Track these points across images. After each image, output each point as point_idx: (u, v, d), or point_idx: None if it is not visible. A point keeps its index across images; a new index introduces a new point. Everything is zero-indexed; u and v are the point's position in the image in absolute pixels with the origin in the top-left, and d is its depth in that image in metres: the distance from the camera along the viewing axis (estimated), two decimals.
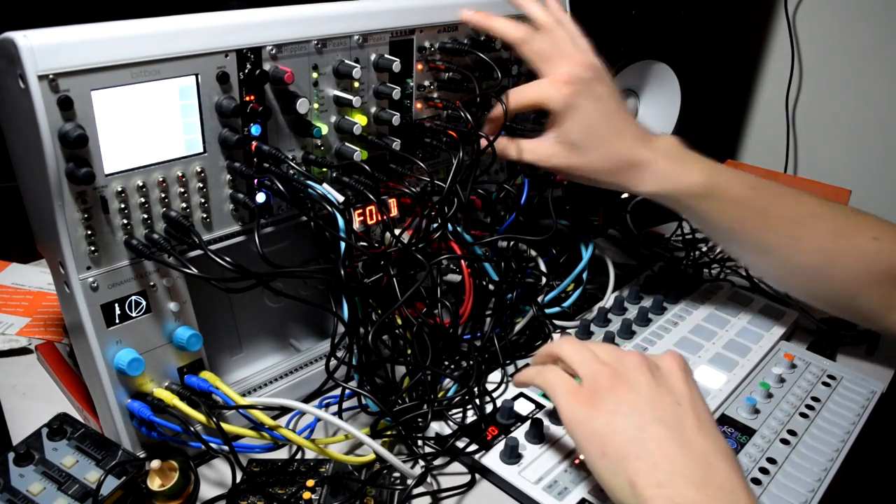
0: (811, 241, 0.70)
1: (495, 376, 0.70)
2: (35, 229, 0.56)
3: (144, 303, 0.57)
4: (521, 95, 0.70)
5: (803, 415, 0.68)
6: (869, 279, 0.70)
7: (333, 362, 0.61)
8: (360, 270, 0.64)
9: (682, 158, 0.71)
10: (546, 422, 0.64)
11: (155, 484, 0.54)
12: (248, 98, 0.58)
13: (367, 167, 0.64)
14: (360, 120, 0.64)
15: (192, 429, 0.57)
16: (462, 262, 0.70)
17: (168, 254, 0.55)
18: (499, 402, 0.66)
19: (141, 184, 0.54)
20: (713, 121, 0.76)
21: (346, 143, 0.66)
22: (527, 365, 0.72)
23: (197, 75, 0.55)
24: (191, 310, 0.60)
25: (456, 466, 0.62)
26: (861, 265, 0.70)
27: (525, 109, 0.71)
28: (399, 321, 0.66)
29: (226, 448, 0.56)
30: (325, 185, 0.61)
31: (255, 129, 0.60)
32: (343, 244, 0.60)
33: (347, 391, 0.64)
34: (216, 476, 0.61)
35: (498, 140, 0.71)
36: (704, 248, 0.99)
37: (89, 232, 0.53)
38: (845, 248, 0.70)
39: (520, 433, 0.63)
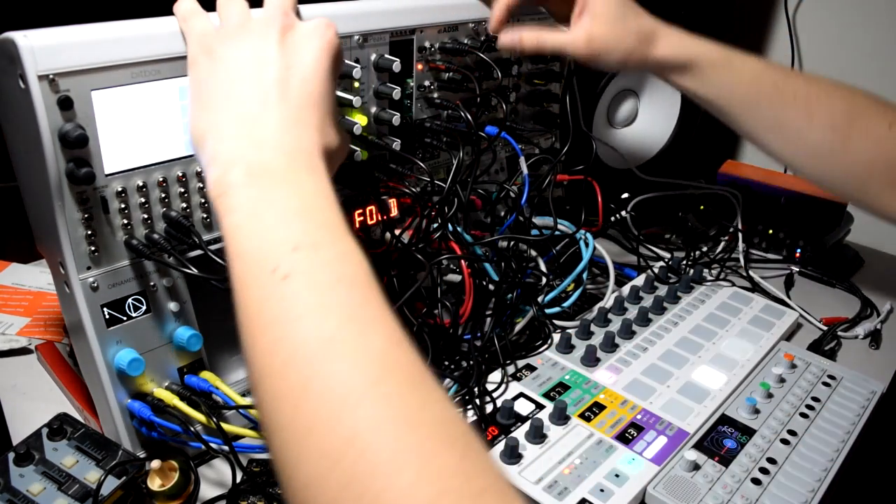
0: (824, 118, 0.70)
1: (495, 376, 0.70)
2: (35, 229, 0.56)
3: (144, 303, 0.57)
4: None
5: (803, 415, 0.68)
6: (879, 165, 0.69)
7: None
8: None
9: (696, 36, 0.72)
10: (546, 422, 0.64)
11: (155, 484, 0.54)
12: None
13: (367, 167, 0.64)
14: (360, 120, 0.64)
15: (192, 429, 0.57)
16: (462, 262, 0.70)
17: (168, 254, 0.55)
18: (499, 402, 0.66)
19: (141, 184, 0.54)
20: (713, 121, 0.76)
21: None
22: (528, 366, 0.72)
23: None
24: (191, 310, 0.60)
25: None
26: (873, 150, 0.69)
27: None
28: (399, 321, 0.65)
29: (226, 448, 0.56)
30: None
31: None
32: None
33: None
34: (216, 476, 0.61)
35: (519, 34, 0.70)
36: (705, 248, 0.99)
37: (89, 232, 0.53)
38: (858, 130, 0.69)
39: (520, 433, 0.63)
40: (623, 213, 0.96)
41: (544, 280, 0.78)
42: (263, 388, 0.39)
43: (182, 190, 0.57)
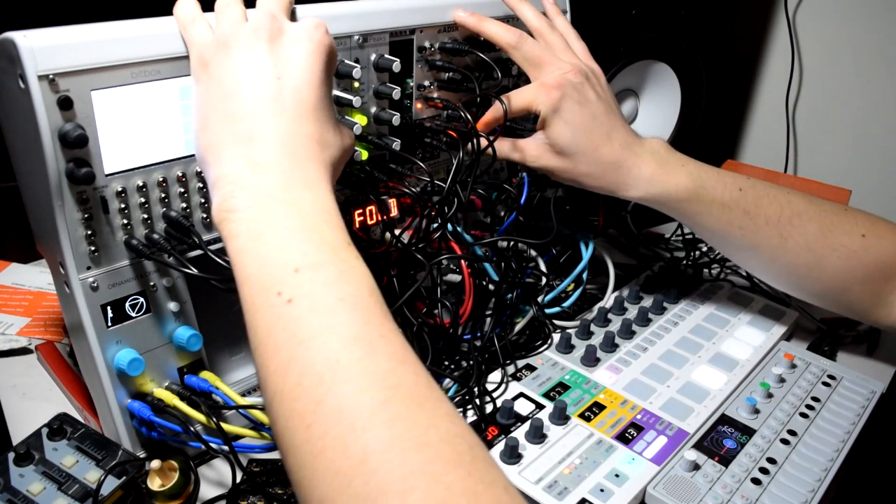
0: (798, 240, 0.70)
1: (495, 376, 0.70)
2: (35, 229, 0.56)
3: (144, 303, 0.57)
4: (512, 100, 0.70)
5: (803, 415, 0.68)
6: (856, 276, 0.70)
7: None
8: None
9: (667, 162, 0.71)
10: (546, 422, 0.64)
11: (155, 484, 0.54)
12: None
13: (367, 167, 0.64)
14: (360, 120, 0.64)
15: (192, 429, 0.57)
16: (462, 262, 0.70)
17: (168, 254, 0.55)
18: (499, 402, 0.66)
19: (141, 184, 0.54)
20: (713, 121, 0.76)
21: None
22: (528, 366, 0.72)
23: None
24: (191, 310, 0.60)
25: None
26: (847, 263, 0.70)
27: (517, 114, 0.71)
28: (399, 321, 0.66)
29: (226, 448, 0.56)
30: None
31: None
32: None
33: None
34: (216, 476, 0.61)
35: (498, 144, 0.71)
36: (704, 248, 0.99)
37: (89, 232, 0.53)
38: (832, 246, 0.70)
39: (520, 433, 0.63)
40: (623, 213, 0.96)
41: (544, 280, 0.78)
42: (277, 408, 0.40)
43: (182, 190, 0.57)
